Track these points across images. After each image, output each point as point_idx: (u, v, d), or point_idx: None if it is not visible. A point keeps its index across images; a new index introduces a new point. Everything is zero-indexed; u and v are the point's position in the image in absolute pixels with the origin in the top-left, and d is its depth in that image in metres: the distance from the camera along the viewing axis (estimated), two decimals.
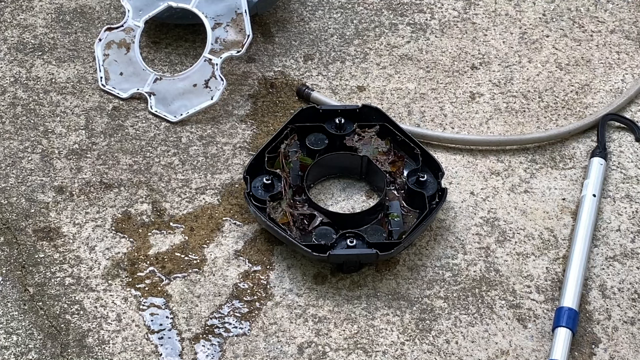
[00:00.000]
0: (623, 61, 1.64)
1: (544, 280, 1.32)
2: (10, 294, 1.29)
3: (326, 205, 1.40)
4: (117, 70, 1.56)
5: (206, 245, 1.36)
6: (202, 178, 1.44)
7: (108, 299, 1.29)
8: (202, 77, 1.51)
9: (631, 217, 1.40)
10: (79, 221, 1.38)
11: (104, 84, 1.55)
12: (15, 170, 1.44)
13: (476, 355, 1.24)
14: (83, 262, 1.33)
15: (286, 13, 1.71)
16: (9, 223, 1.37)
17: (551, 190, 1.44)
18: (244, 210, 1.40)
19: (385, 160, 1.42)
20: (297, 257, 1.34)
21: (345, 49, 1.65)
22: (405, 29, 1.69)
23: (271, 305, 1.29)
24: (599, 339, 1.26)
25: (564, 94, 1.58)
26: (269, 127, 1.51)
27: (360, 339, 1.26)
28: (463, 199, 1.42)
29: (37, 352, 1.23)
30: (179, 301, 1.29)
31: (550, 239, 1.37)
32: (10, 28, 1.67)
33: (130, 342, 1.25)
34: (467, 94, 1.58)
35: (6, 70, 1.59)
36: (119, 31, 1.57)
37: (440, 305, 1.29)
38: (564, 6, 1.74)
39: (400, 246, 1.29)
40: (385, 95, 1.57)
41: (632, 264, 1.35)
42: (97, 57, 1.57)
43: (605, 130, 1.51)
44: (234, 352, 1.24)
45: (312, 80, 1.59)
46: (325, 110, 1.45)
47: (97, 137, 1.49)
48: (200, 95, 1.51)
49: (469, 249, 1.36)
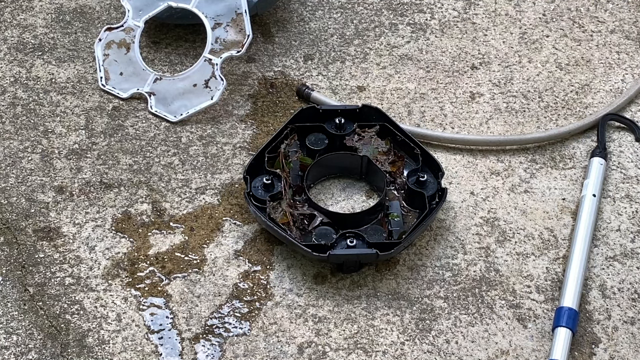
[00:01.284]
0: (623, 61, 1.64)
1: (544, 280, 1.32)
2: (10, 294, 1.29)
3: (326, 205, 1.40)
4: (117, 70, 1.56)
5: (206, 245, 1.36)
6: (202, 178, 1.44)
7: (108, 299, 1.29)
8: (202, 77, 1.51)
9: (631, 217, 1.40)
10: (79, 221, 1.38)
11: (104, 84, 1.55)
12: (15, 170, 1.44)
13: (476, 355, 1.24)
14: (83, 262, 1.33)
15: (286, 13, 1.71)
16: (9, 223, 1.37)
17: (551, 190, 1.44)
18: (244, 210, 1.39)
19: (385, 160, 1.42)
20: (297, 257, 1.34)
21: (345, 49, 1.65)
22: (405, 29, 1.69)
23: (271, 305, 1.29)
24: (599, 339, 1.26)
25: (564, 94, 1.58)
26: (269, 127, 1.51)
27: (360, 339, 1.26)
28: (463, 199, 1.42)
29: (37, 352, 1.23)
30: (179, 301, 1.29)
31: (550, 239, 1.37)
32: (10, 28, 1.67)
33: (130, 342, 1.25)
34: (467, 94, 1.58)
35: (6, 70, 1.59)
36: (119, 31, 1.57)
37: (440, 305, 1.29)
38: (564, 6, 1.74)
39: (400, 246, 1.29)
40: (385, 95, 1.57)
41: (632, 264, 1.35)
42: (97, 57, 1.57)
43: (605, 130, 1.51)
44: (234, 352, 1.24)
45: (312, 80, 1.59)
46: (325, 110, 1.45)
47: (97, 137, 1.49)
48: (200, 95, 1.51)
49: (469, 249, 1.36)
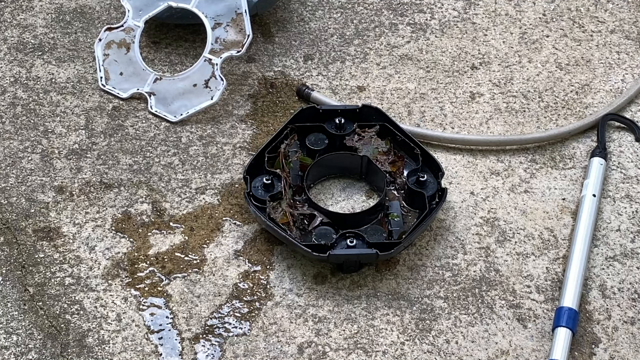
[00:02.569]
0: (623, 61, 1.64)
1: (544, 280, 1.32)
2: (10, 294, 1.29)
3: (326, 205, 1.40)
4: (117, 70, 1.56)
5: (206, 245, 1.36)
6: (202, 178, 1.44)
7: (108, 299, 1.29)
8: (202, 77, 1.51)
9: (631, 217, 1.40)
10: (79, 221, 1.38)
11: (104, 84, 1.55)
12: (15, 170, 1.44)
13: (476, 355, 1.24)
14: (83, 262, 1.33)
15: (286, 13, 1.71)
16: (9, 223, 1.37)
17: (551, 190, 1.44)
18: (244, 210, 1.39)
19: (385, 160, 1.41)
20: (297, 257, 1.34)
21: (345, 49, 1.65)
22: (405, 29, 1.69)
23: (271, 305, 1.29)
24: (599, 339, 1.26)
25: (564, 94, 1.58)
26: (269, 127, 1.51)
27: (360, 339, 1.26)
28: (463, 199, 1.42)
29: (37, 352, 1.23)
30: (179, 301, 1.29)
31: (550, 239, 1.37)
32: (10, 28, 1.67)
33: (130, 342, 1.25)
34: (467, 94, 1.58)
35: (6, 70, 1.59)
36: (119, 31, 1.57)
37: (440, 305, 1.29)
38: (564, 6, 1.74)
39: (400, 246, 1.29)
40: (385, 95, 1.57)
41: (632, 264, 1.35)
42: (97, 57, 1.57)
43: (605, 130, 1.51)
44: (234, 352, 1.24)
45: (312, 80, 1.59)
46: (325, 110, 1.45)
47: (97, 137, 1.49)
48: (200, 95, 1.51)
49: (469, 249, 1.36)
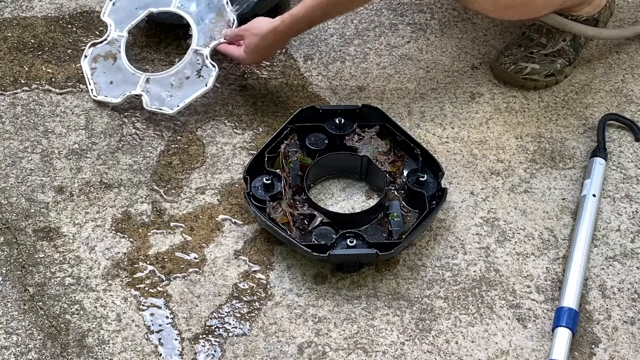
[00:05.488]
0: (623, 61, 1.64)
1: (544, 280, 1.32)
2: (10, 294, 1.29)
3: (326, 205, 1.40)
4: (106, 80, 1.56)
5: (206, 245, 1.35)
6: (202, 178, 1.44)
7: (108, 299, 1.29)
8: (193, 68, 1.52)
9: (631, 217, 1.40)
10: (79, 221, 1.38)
11: (96, 95, 1.55)
12: (15, 170, 1.44)
13: (476, 355, 1.24)
14: (83, 262, 1.33)
15: None
16: (9, 223, 1.37)
17: (551, 190, 1.44)
18: (244, 210, 1.39)
19: (385, 160, 1.41)
20: (297, 257, 1.34)
21: (345, 49, 1.65)
22: (405, 29, 1.69)
23: (271, 305, 1.29)
24: (599, 339, 1.26)
25: (564, 94, 1.58)
26: (269, 127, 1.51)
27: (360, 339, 1.26)
28: (463, 199, 1.42)
29: (37, 352, 1.23)
30: (178, 301, 1.29)
31: (550, 239, 1.37)
32: (10, 28, 1.67)
33: (130, 342, 1.25)
34: (467, 94, 1.58)
35: (6, 70, 1.59)
36: (104, 45, 1.58)
37: (440, 305, 1.29)
38: None
39: (400, 246, 1.29)
40: (385, 95, 1.57)
41: (632, 264, 1.35)
42: (85, 73, 1.57)
43: (605, 130, 1.51)
44: (234, 352, 1.24)
45: (312, 80, 1.59)
46: (325, 110, 1.45)
47: (97, 137, 1.49)
48: (194, 84, 1.51)
49: (469, 249, 1.36)
